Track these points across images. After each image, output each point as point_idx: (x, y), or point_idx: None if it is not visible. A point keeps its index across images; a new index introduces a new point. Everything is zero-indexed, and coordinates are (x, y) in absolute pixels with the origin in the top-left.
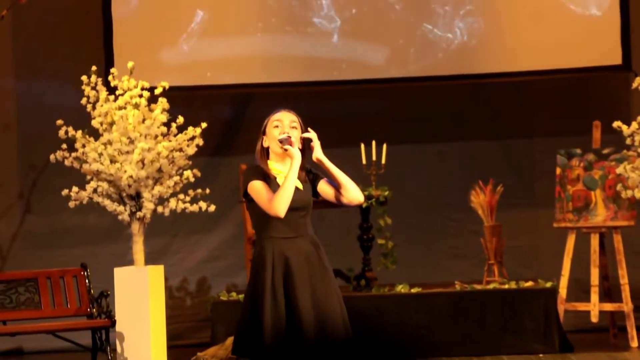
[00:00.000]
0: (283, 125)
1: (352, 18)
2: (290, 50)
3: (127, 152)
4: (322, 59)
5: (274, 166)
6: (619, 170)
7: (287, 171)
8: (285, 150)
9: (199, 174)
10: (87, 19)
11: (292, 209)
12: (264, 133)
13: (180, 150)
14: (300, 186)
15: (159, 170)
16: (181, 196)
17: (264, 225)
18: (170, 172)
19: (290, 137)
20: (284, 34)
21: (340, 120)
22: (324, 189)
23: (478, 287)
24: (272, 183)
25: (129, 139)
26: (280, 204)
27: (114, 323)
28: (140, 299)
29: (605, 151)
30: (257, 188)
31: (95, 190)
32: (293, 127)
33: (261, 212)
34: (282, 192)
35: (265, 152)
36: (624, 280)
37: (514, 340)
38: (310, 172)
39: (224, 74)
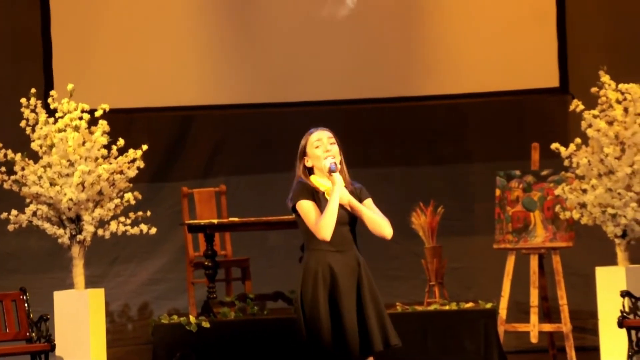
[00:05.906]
0: (323, 143)
1: (292, 39)
2: (231, 72)
3: (67, 175)
4: (263, 81)
5: (320, 181)
6: (558, 191)
7: (331, 188)
8: (331, 175)
9: (139, 197)
10: (26, 42)
11: (338, 223)
12: (304, 154)
13: (121, 172)
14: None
15: (100, 192)
16: (122, 219)
17: (312, 238)
18: (111, 195)
19: (336, 163)
20: (225, 56)
21: (282, 143)
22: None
23: (419, 308)
24: (321, 198)
25: (68, 161)
26: (326, 229)
27: (53, 347)
28: (80, 323)
29: (544, 173)
30: (305, 208)
31: (34, 214)
32: (332, 143)
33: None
34: (326, 219)
35: (308, 170)
36: (562, 301)
37: None
38: (355, 186)
39: (165, 96)
